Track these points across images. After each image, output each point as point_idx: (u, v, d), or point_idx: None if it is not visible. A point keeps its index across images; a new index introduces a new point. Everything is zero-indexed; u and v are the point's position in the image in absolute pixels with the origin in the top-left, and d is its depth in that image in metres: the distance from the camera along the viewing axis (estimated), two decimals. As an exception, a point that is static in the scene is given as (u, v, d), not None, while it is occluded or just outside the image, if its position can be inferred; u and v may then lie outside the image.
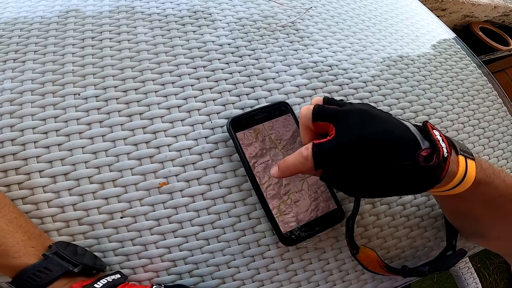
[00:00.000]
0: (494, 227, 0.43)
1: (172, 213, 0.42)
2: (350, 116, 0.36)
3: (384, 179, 0.34)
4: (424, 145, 0.34)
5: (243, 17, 0.55)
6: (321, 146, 0.35)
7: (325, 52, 0.55)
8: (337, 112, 0.36)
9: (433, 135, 0.34)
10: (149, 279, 0.41)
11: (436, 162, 0.32)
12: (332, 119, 0.36)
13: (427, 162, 0.32)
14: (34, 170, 0.40)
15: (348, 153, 0.34)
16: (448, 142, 0.35)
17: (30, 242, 0.35)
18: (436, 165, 0.32)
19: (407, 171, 0.33)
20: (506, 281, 1.75)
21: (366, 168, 0.34)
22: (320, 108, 0.37)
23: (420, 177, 0.33)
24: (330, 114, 0.36)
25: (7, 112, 0.42)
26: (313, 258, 0.46)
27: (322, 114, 0.37)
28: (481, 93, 0.62)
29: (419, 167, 0.32)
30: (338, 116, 0.36)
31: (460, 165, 0.34)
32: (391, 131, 0.34)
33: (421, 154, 0.32)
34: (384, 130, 0.34)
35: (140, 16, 0.51)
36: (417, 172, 0.33)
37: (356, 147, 0.34)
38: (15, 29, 0.48)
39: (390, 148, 0.33)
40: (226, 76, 0.49)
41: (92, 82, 0.45)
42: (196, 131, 0.45)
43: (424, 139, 0.34)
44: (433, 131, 0.35)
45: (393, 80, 0.57)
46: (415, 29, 0.67)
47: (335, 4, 0.63)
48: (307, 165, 0.35)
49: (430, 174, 0.33)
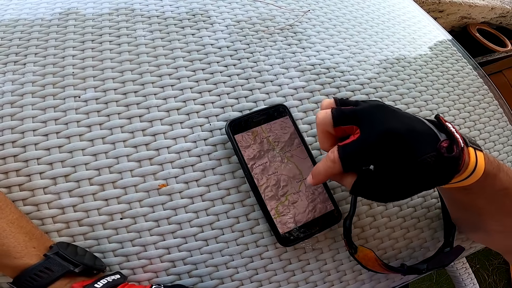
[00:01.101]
0: (496, 220, 0.43)
1: (171, 214, 0.43)
2: (371, 113, 0.36)
3: (412, 174, 0.34)
4: (442, 136, 0.34)
5: (241, 19, 0.55)
6: (346, 147, 0.35)
7: (322, 55, 0.56)
8: (357, 112, 0.36)
9: (448, 127, 0.35)
10: (149, 280, 0.41)
11: (457, 152, 0.33)
12: (353, 120, 0.36)
13: (450, 152, 0.33)
14: (35, 172, 0.41)
15: (375, 149, 0.34)
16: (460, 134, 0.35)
17: (31, 242, 0.35)
18: (457, 155, 0.33)
19: (433, 163, 0.33)
20: (506, 281, 1.75)
21: (394, 164, 0.34)
22: (338, 111, 0.37)
23: (444, 168, 0.33)
24: (350, 115, 0.36)
25: (8, 114, 0.42)
26: (311, 258, 0.46)
27: (342, 117, 0.37)
28: (477, 95, 0.63)
29: (443, 158, 0.33)
30: (359, 116, 0.36)
31: (471, 156, 0.35)
32: (412, 125, 0.34)
33: (442, 145, 0.33)
34: (405, 125, 0.34)
35: (140, 19, 0.52)
36: (441, 163, 0.33)
37: (383, 142, 0.34)
38: (15, 31, 0.48)
39: (415, 141, 0.33)
40: (225, 79, 0.50)
41: (92, 84, 0.45)
42: (195, 133, 0.46)
43: (440, 131, 0.35)
44: (446, 123, 0.35)
45: (390, 82, 0.57)
46: (412, 31, 0.67)
47: (333, 7, 0.64)
48: (335, 168, 0.36)
49: (453, 164, 0.33)
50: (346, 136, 0.38)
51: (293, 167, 0.45)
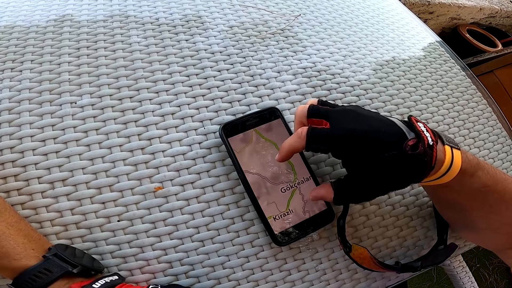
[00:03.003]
0: (480, 218, 0.44)
1: (167, 216, 0.43)
2: (341, 114, 0.39)
3: (374, 170, 0.37)
4: (410, 136, 0.36)
5: (234, 25, 0.56)
6: (316, 129, 0.38)
7: (314, 58, 0.57)
8: (329, 111, 0.40)
9: (417, 127, 0.37)
10: (146, 281, 0.42)
11: (422, 150, 0.35)
12: (325, 116, 0.40)
13: (414, 150, 0.35)
14: (33, 177, 0.41)
15: (338, 144, 0.37)
16: (433, 132, 0.38)
17: (30, 244, 0.36)
18: (422, 152, 0.35)
19: (396, 160, 0.35)
20: (506, 280, 1.75)
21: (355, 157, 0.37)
22: (314, 107, 0.41)
23: (411, 165, 0.36)
24: (323, 112, 0.40)
25: (6, 121, 0.43)
26: (306, 258, 0.46)
27: (316, 112, 0.41)
28: (465, 95, 0.64)
29: (407, 156, 0.35)
30: (330, 114, 0.40)
31: (447, 154, 0.37)
32: (378, 126, 0.37)
33: (408, 144, 0.35)
34: (371, 125, 0.37)
35: (134, 25, 0.52)
36: (406, 160, 0.35)
37: (346, 138, 0.37)
38: (11, 38, 0.49)
39: (378, 141, 0.36)
40: (218, 84, 0.50)
41: (88, 90, 0.46)
42: (190, 137, 0.46)
43: (410, 131, 0.37)
44: (417, 123, 0.38)
45: (380, 83, 0.58)
46: (400, 33, 0.69)
47: (323, 11, 0.65)
48: (299, 143, 0.39)
49: (420, 161, 0.35)
50: None
51: (285, 169, 0.46)
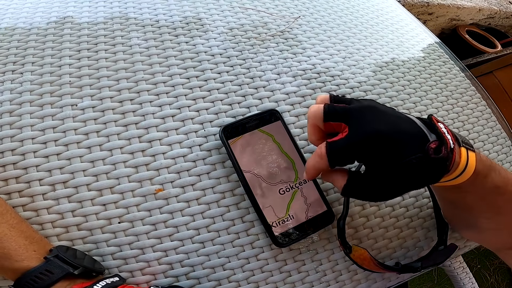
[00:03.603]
0: (487, 217, 0.44)
1: (168, 218, 0.43)
2: (361, 113, 0.36)
3: (400, 174, 0.35)
4: (431, 137, 0.35)
5: (234, 27, 0.57)
6: (333, 144, 0.36)
7: (313, 60, 0.57)
8: (348, 110, 0.37)
9: (439, 128, 0.35)
10: (147, 282, 0.42)
11: (445, 153, 0.34)
12: (344, 118, 0.37)
13: (437, 154, 0.34)
14: (34, 179, 0.41)
15: (361, 149, 0.35)
16: (452, 134, 0.36)
17: (32, 246, 0.36)
18: (445, 156, 0.34)
19: (420, 164, 0.34)
20: (508, 281, 1.74)
21: (381, 164, 0.35)
22: (330, 107, 0.38)
23: (431, 169, 0.34)
24: (341, 113, 0.37)
25: (7, 123, 0.43)
26: (307, 259, 0.46)
27: (333, 113, 0.37)
28: (464, 96, 0.64)
29: (430, 159, 0.33)
30: (349, 115, 0.36)
31: (462, 156, 0.36)
32: (401, 126, 0.35)
33: (431, 147, 0.34)
34: (394, 126, 0.35)
35: (134, 28, 0.53)
36: (428, 164, 0.34)
37: (369, 143, 0.34)
38: (12, 40, 0.49)
39: (402, 142, 0.34)
40: (218, 86, 0.51)
41: (88, 93, 0.46)
42: (190, 139, 0.47)
43: (430, 132, 0.36)
44: (438, 124, 0.36)
45: (379, 85, 0.58)
46: (400, 34, 0.69)
47: (323, 12, 0.65)
48: (322, 163, 0.36)
49: (441, 165, 0.34)
50: (333, 133, 0.39)
51: (286, 170, 0.46)
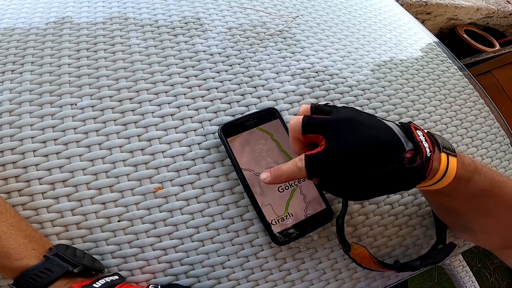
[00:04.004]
0: (477, 221, 0.44)
1: (167, 216, 0.44)
2: (338, 126, 0.37)
3: (374, 183, 0.35)
4: (408, 146, 0.35)
5: (232, 26, 0.57)
6: (312, 157, 0.36)
7: (312, 59, 0.57)
8: (325, 122, 0.38)
9: (416, 136, 0.36)
10: (146, 280, 0.42)
11: (419, 163, 0.34)
12: (321, 130, 0.37)
13: (412, 163, 0.34)
14: (34, 178, 0.42)
15: (338, 162, 0.35)
16: (431, 140, 0.36)
17: (31, 245, 0.36)
18: (420, 165, 0.34)
19: (394, 174, 0.34)
20: (508, 280, 1.74)
21: (356, 174, 0.35)
22: (309, 120, 0.38)
23: (406, 177, 0.35)
24: (319, 125, 0.38)
25: (7, 122, 0.43)
26: (306, 257, 0.47)
27: (311, 126, 0.38)
28: (462, 94, 0.64)
29: (404, 169, 0.34)
30: (326, 127, 0.37)
31: (442, 162, 0.36)
32: (377, 136, 0.36)
33: (406, 156, 0.34)
34: (371, 136, 0.35)
35: (133, 28, 0.53)
36: (403, 173, 0.34)
37: (345, 156, 0.35)
38: (12, 40, 0.49)
39: (377, 153, 0.35)
40: (217, 85, 0.51)
41: (88, 92, 0.46)
42: (189, 138, 0.47)
43: (408, 140, 0.36)
44: (416, 131, 0.36)
45: (377, 84, 0.59)
46: (398, 33, 0.69)
47: (321, 12, 0.65)
48: (301, 174, 0.37)
49: (416, 174, 0.34)
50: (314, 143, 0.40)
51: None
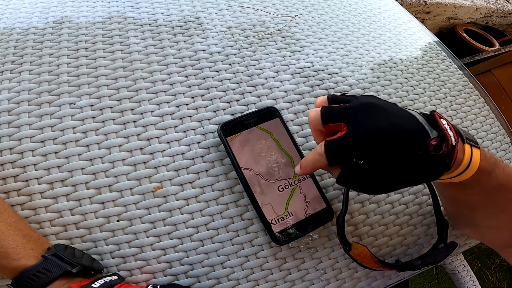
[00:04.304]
0: (489, 216, 0.44)
1: (167, 216, 0.43)
2: (358, 111, 0.36)
3: (397, 170, 0.34)
4: (433, 134, 0.34)
5: (232, 26, 0.57)
6: (332, 142, 0.36)
7: (311, 58, 0.57)
8: (344, 110, 0.37)
9: (441, 124, 0.35)
10: (146, 280, 0.42)
11: (445, 150, 0.33)
12: (341, 118, 0.37)
13: (437, 151, 0.33)
14: (32, 177, 0.41)
15: (359, 147, 0.35)
16: (455, 130, 0.36)
17: (30, 244, 0.36)
18: (446, 153, 0.33)
19: (419, 160, 0.33)
20: (509, 280, 1.73)
21: (379, 161, 0.34)
22: (327, 110, 0.38)
23: (431, 166, 0.34)
24: (338, 113, 0.37)
25: (5, 122, 0.43)
26: (306, 257, 0.46)
27: (330, 115, 0.38)
28: (462, 93, 0.64)
29: (430, 156, 0.33)
30: (346, 114, 0.37)
31: (466, 153, 0.35)
32: (400, 123, 0.35)
33: (431, 143, 0.33)
34: (393, 123, 0.35)
35: (132, 27, 0.53)
36: (428, 161, 0.33)
37: (367, 140, 0.34)
38: (10, 40, 0.49)
39: (400, 139, 0.34)
40: (217, 84, 0.51)
41: (86, 91, 0.46)
42: (189, 137, 0.47)
43: (432, 128, 0.35)
44: (440, 120, 0.36)
45: (377, 83, 0.58)
46: (397, 32, 0.69)
47: (321, 11, 0.65)
48: (322, 161, 0.37)
49: (441, 162, 0.34)
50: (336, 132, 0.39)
51: (284, 168, 0.46)
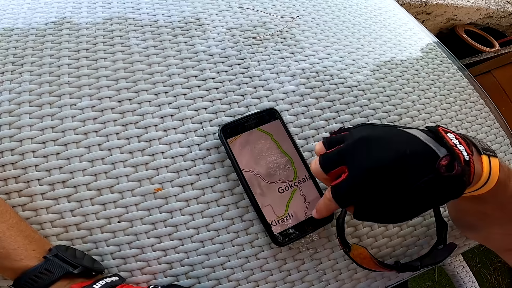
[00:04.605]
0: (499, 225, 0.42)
1: (167, 217, 0.43)
2: (355, 150, 0.35)
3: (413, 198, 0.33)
4: (441, 153, 0.32)
5: (232, 27, 0.57)
6: (337, 187, 0.36)
7: (312, 59, 0.57)
8: (341, 153, 0.36)
9: (448, 141, 0.33)
10: (146, 281, 0.42)
11: (459, 169, 0.31)
12: (340, 162, 0.36)
13: (450, 171, 0.31)
14: (33, 179, 0.41)
15: (364, 185, 0.34)
16: (466, 142, 0.33)
17: (31, 245, 0.36)
18: (460, 172, 0.31)
19: (433, 184, 0.32)
20: (508, 280, 1.73)
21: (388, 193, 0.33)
22: (324, 158, 0.38)
23: (448, 187, 0.32)
24: (335, 159, 0.37)
25: (6, 123, 0.43)
26: (306, 258, 0.47)
27: (328, 163, 0.37)
28: (462, 95, 0.64)
29: (443, 178, 0.31)
30: (344, 157, 0.36)
31: (484, 165, 0.33)
32: (402, 150, 0.33)
33: (441, 164, 0.31)
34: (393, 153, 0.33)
35: (133, 28, 0.53)
36: (442, 183, 0.31)
37: (370, 177, 0.33)
38: (11, 41, 0.49)
39: (406, 167, 0.32)
40: (217, 85, 0.51)
41: (87, 93, 0.46)
42: (189, 139, 0.47)
43: (439, 146, 0.33)
44: (447, 135, 0.33)
45: (378, 84, 0.59)
46: (398, 33, 0.69)
47: (321, 12, 0.65)
48: (333, 206, 0.37)
49: (458, 181, 0.31)
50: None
51: (285, 169, 0.47)
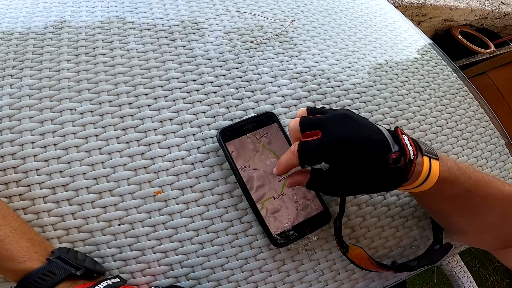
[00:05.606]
0: (464, 222, 0.46)
1: (167, 220, 0.44)
2: (333, 121, 0.39)
3: (360, 178, 0.38)
4: (394, 148, 0.38)
5: (230, 31, 0.57)
6: (305, 143, 0.39)
7: (308, 63, 0.58)
8: (321, 119, 0.40)
9: (402, 140, 0.38)
10: (147, 283, 0.42)
11: (403, 164, 0.36)
12: (317, 126, 0.39)
13: (396, 164, 0.36)
14: (35, 182, 0.42)
15: (329, 151, 0.37)
16: (415, 145, 0.39)
17: (34, 248, 0.36)
18: (403, 167, 0.36)
19: (380, 171, 0.37)
20: (507, 280, 1.74)
21: (344, 167, 0.38)
22: (305, 119, 0.41)
23: (389, 177, 0.37)
24: (315, 122, 0.40)
25: (7, 127, 0.43)
26: (304, 259, 0.47)
27: (308, 124, 0.40)
28: (457, 97, 0.65)
29: (389, 168, 0.36)
30: (322, 123, 0.39)
31: (424, 165, 0.38)
32: (368, 135, 0.38)
33: (391, 157, 0.36)
34: (362, 133, 0.38)
35: (132, 32, 0.53)
36: (387, 172, 0.37)
37: (337, 146, 0.37)
38: (11, 45, 0.49)
39: (367, 149, 0.37)
40: (215, 89, 0.51)
41: (87, 97, 0.47)
42: (188, 142, 0.47)
43: (394, 143, 0.38)
44: (402, 135, 0.39)
45: (374, 87, 0.59)
46: (393, 36, 0.70)
47: (318, 15, 0.66)
48: (294, 160, 0.39)
49: (398, 174, 0.37)
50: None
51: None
